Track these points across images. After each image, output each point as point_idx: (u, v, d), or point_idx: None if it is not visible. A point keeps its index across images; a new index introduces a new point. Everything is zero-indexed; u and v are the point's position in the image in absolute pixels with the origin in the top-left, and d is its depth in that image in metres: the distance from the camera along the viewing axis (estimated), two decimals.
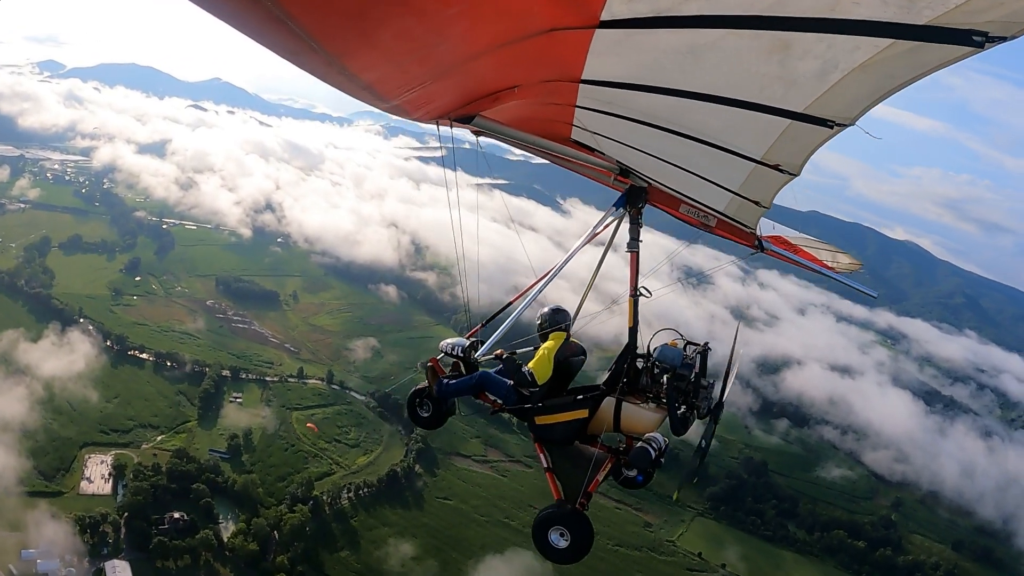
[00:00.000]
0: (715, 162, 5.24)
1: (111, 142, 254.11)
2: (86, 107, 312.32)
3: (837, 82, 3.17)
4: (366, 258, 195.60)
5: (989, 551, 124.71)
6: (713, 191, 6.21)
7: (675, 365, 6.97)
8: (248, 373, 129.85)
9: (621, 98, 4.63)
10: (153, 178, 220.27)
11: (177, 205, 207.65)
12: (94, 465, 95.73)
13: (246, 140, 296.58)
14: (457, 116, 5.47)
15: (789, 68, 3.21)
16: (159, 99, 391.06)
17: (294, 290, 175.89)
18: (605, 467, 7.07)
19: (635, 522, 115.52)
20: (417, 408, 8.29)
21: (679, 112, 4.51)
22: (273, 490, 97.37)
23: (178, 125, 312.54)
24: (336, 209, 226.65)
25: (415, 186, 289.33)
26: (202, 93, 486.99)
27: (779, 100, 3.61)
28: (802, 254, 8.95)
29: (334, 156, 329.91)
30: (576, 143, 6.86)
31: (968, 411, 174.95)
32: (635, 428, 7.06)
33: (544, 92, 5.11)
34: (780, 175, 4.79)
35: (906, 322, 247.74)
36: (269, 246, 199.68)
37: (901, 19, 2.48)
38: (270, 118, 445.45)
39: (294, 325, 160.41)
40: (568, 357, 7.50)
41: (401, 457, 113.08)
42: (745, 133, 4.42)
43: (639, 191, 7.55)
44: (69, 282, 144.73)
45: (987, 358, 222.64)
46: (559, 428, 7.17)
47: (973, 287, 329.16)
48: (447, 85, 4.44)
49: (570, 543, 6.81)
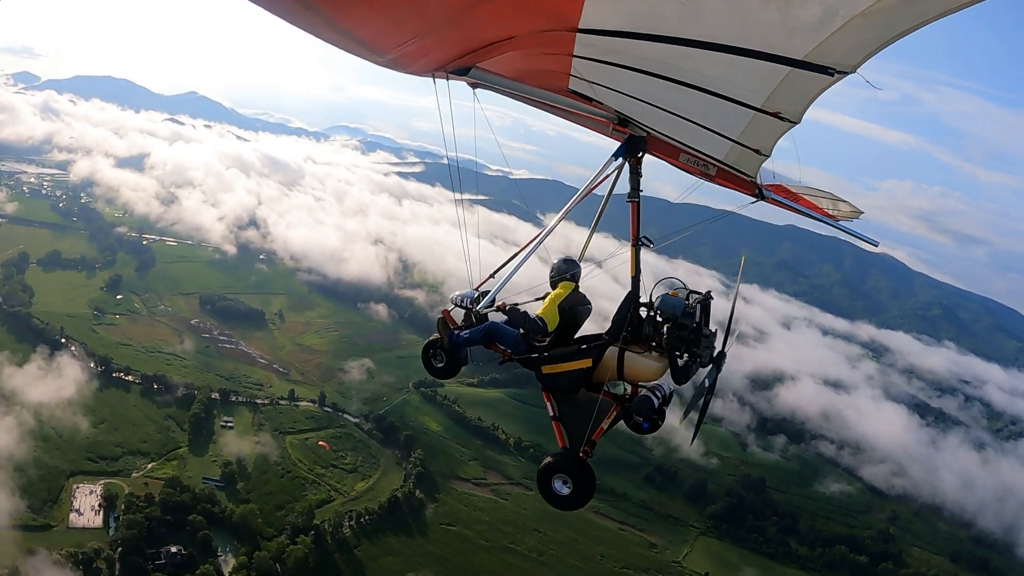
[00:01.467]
0: (715, 110, 5.14)
1: (88, 155, 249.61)
2: (63, 119, 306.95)
3: (838, 29, 3.12)
4: (352, 276, 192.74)
5: (986, 561, 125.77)
6: (713, 139, 6.15)
7: (676, 314, 6.99)
8: (238, 395, 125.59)
9: (618, 47, 4.57)
10: (133, 193, 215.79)
11: (158, 221, 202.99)
12: (83, 496, 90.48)
13: (225, 154, 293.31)
14: (453, 68, 5.33)
15: (790, 15, 3.18)
16: (135, 112, 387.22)
17: (279, 308, 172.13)
18: (610, 415, 7.15)
19: (640, 543, 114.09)
20: (432, 359, 8.35)
21: (678, 60, 4.44)
22: (272, 520, 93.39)
23: (155, 139, 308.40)
24: (320, 225, 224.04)
25: (397, 202, 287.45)
26: (178, 107, 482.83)
27: (780, 47, 3.56)
28: (802, 202, 8.86)
29: (313, 171, 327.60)
30: (574, 93, 6.73)
31: (958, 423, 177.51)
32: (638, 376, 7.13)
33: (541, 42, 4.99)
34: (781, 123, 4.73)
35: (887, 334, 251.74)
36: (253, 263, 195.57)
37: None
38: (247, 132, 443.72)
39: (281, 345, 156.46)
40: (575, 306, 7.59)
41: (400, 482, 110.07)
42: (745, 81, 4.33)
43: (638, 140, 7.51)
44: (49, 300, 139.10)
45: (969, 369, 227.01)
46: (564, 377, 7.24)
47: (949, 298, 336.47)
48: (442, 38, 4.36)
49: (572, 490, 6.85)
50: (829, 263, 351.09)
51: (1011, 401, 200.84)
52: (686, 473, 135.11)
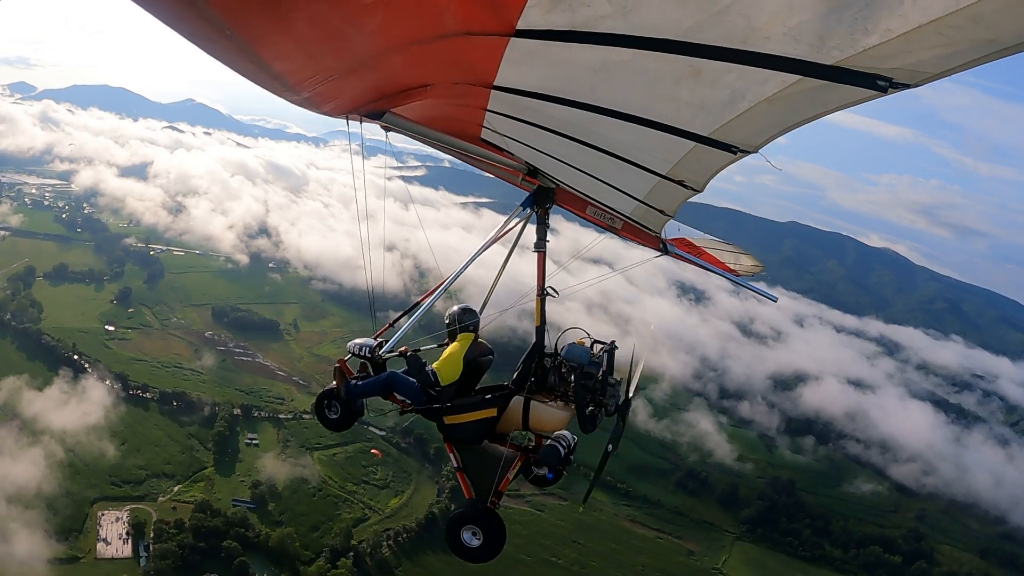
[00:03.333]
0: (622, 172, 5.27)
1: (90, 165, 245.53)
2: (63, 129, 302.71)
3: (744, 111, 3.22)
4: (361, 283, 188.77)
5: (1015, 557, 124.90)
6: (619, 197, 6.24)
7: (582, 363, 7.00)
8: (260, 411, 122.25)
9: (532, 106, 4.62)
10: (139, 202, 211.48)
11: (166, 230, 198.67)
12: (108, 523, 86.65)
13: (228, 161, 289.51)
14: (367, 111, 5.30)
15: (698, 94, 3.27)
16: (133, 120, 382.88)
17: (294, 318, 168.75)
18: (515, 465, 7.06)
19: (678, 551, 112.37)
20: (326, 410, 8.03)
21: (588, 125, 4.55)
22: (309, 542, 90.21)
23: (156, 147, 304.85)
24: (332, 233, 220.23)
25: (403, 207, 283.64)
26: (176, 114, 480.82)
27: (687, 123, 3.68)
28: (705, 257, 8.99)
29: (317, 177, 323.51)
30: (485, 142, 6.79)
31: (978, 419, 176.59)
32: (544, 426, 7.07)
33: (456, 93, 5.06)
34: (684, 189, 4.87)
35: (896, 330, 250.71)
36: (263, 272, 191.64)
37: (810, 57, 2.55)
38: (246, 139, 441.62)
39: (299, 356, 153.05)
40: (476, 357, 7.46)
41: (434, 496, 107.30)
42: (652, 150, 4.46)
43: (547, 192, 7.59)
44: (58, 315, 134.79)
45: (980, 363, 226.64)
46: (468, 427, 7.13)
47: (953, 292, 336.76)
48: (359, 79, 4.35)
49: (483, 541, 6.72)
50: (833, 259, 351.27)
51: None
52: (717, 478, 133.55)
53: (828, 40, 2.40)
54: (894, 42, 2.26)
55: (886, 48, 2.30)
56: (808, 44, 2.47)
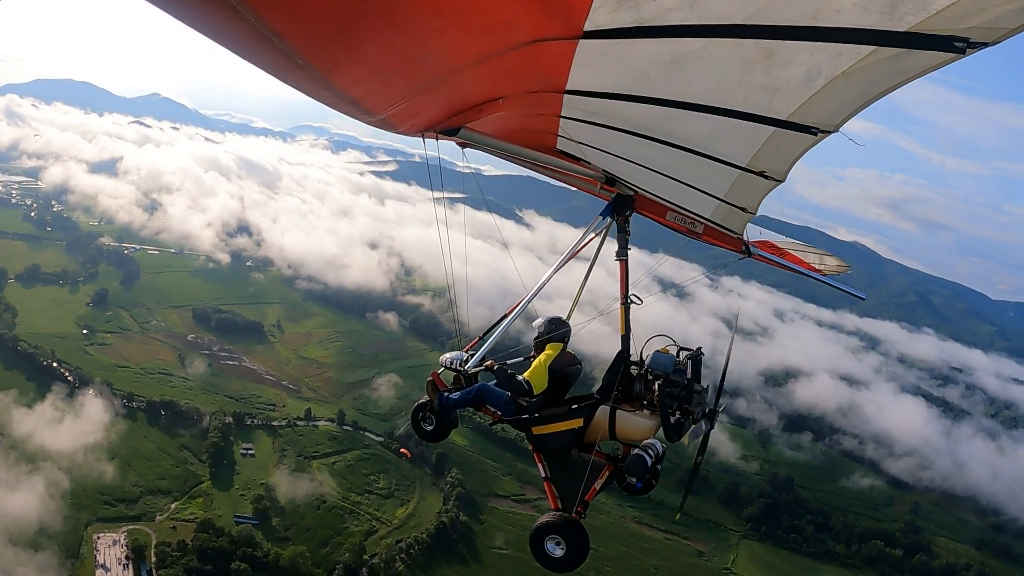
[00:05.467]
0: (701, 169, 5.19)
1: (59, 161, 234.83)
2: (29, 124, 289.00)
3: (820, 89, 3.16)
4: (350, 283, 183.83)
5: (1009, 548, 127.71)
6: (699, 198, 6.18)
7: (667, 371, 6.88)
8: (252, 419, 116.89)
9: (606, 108, 4.60)
10: (112, 200, 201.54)
11: (142, 229, 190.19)
12: (105, 547, 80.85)
13: (199, 157, 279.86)
14: (443, 128, 5.27)
15: (772, 76, 3.22)
16: (99, 115, 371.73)
17: (277, 319, 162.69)
18: (602, 475, 6.93)
19: (688, 552, 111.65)
20: (421, 423, 8.02)
21: (664, 121, 4.49)
22: (320, 559, 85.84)
23: (124, 142, 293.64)
24: (312, 230, 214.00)
25: (379, 203, 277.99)
26: (142, 109, 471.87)
27: (763, 108, 3.60)
28: (789, 258, 8.83)
29: (289, 173, 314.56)
30: (561, 153, 6.77)
31: (963, 412, 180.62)
32: (630, 435, 6.96)
33: (529, 103, 5.06)
34: (766, 181, 4.78)
35: (872, 324, 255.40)
36: (243, 271, 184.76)
37: (883, 26, 2.50)
38: (214, 134, 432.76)
39: (286, 359, 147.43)
40: (564, 367, 7.34)
41: (440, 504, 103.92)
42: (730, 141, 4.39)
43: (626, 199, 7.48)
44: (34, 319, 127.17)
45: (955, 356, 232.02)
46: (556, 437, 7.12)
47: (921, 284, 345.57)
48: (432, 98, 4.38)
49: (566, 552, 6.66)
50: None
51: (1004, 387, 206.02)
52: (717, 476, 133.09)
53: (900, 5, 2.33)
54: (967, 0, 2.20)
55: (960, 7, 2.23)
56: (879, 12, 2.39)
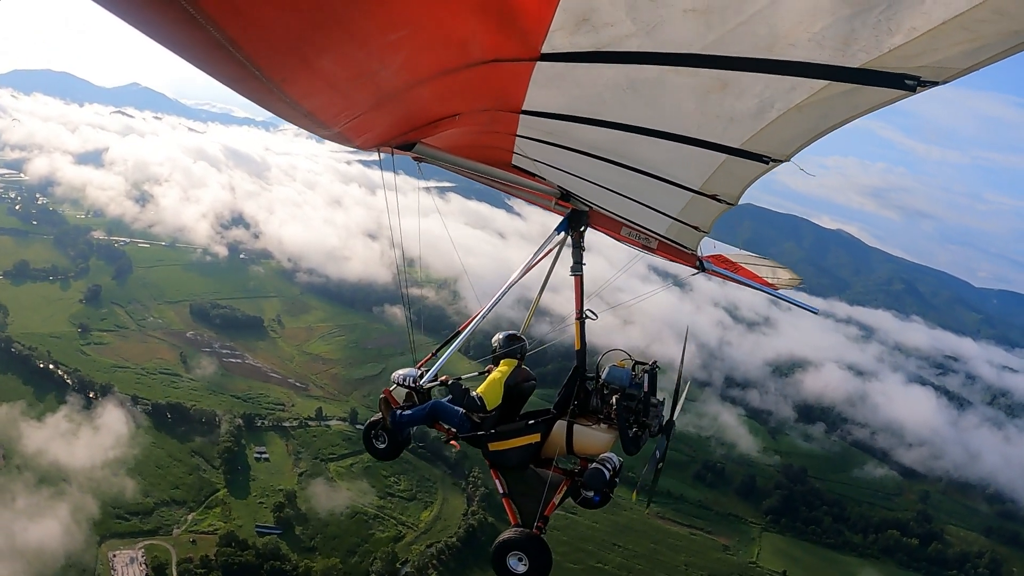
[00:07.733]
0: (655, 190, 5.31)
1: (43, 153, 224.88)
2: (9, 114, 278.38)
3: (773, 120, 3.24)
4: (349, 275, 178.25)
5: (1017, 534, 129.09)
6: (654, 216, 6.28)
7: (624, 385, 6.94)
8: (263, 420, 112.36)
9: (561, 129, 4.66)
10: (100, 192, 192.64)
11: (133, 221, 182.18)
12: (123, 565, 75.93)
13: (186, 147, 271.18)
14: (398, 144, 5.26)
15: (727, 106, 3.28)
16: (79, 106, 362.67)
17: (276, 314, 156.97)
18: (560, 490, 6.93)
19: (713, 546, 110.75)
20: (373, 440, 7.87)
21: (618, 144, 4.58)
22: (351, 570, 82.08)
23: (107, 133, 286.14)
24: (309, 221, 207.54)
25: (370, 192, 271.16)
26: (122, 99, 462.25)
27: (717, 136, 3.68)
28: (742, 271, 8.99)
29: (277, 162, 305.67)
30: (517, 168, 6.81)
31: (966, 401, 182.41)
32: (588, 450, 6.97)
33: (485, 121, 5.10)
34: (718, 204, 4.87)
35: (863, 312, 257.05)
36: (242, 265, 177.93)
37: (836, 61, 2.55)
38: (197, 123, 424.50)
39: (289, 355, 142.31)
40: (520, 383, 7.33)
41: (465, 506, 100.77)
42: (683, 166, 4.49)
43: (580, 215, 7.54)
44: (26, 319, 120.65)
45: (948, 344, 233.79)
46: (513, 453, 7.08)
47: (907, 272, 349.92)
48: (388, 112, 4.34)
49: (528, 567, 6.58)
50: (790, 241, 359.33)
51: (998, 375, 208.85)
52: (732, 468, 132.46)
53: (853, 43, 2.39)
54: (919, 40, 2.26)
55: (912, 47, 2.29)
56: (833, 48, 2.45)
